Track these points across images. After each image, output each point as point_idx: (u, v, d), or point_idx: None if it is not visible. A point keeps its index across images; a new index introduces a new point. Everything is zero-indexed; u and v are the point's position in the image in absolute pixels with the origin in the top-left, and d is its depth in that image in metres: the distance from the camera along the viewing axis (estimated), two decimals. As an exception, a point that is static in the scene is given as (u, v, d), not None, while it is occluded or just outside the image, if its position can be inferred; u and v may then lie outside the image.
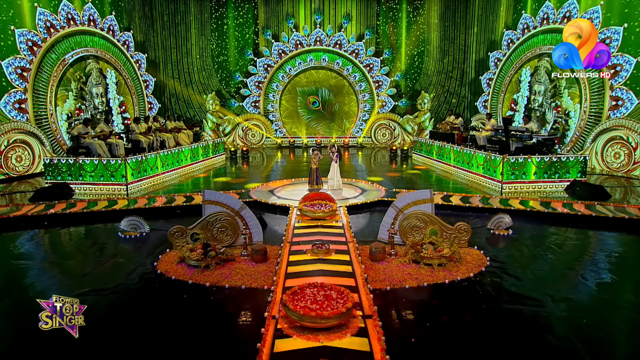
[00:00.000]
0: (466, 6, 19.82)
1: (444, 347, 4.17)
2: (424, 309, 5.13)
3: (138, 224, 7.80)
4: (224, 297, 5.33)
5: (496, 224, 7.78)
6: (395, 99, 20.74)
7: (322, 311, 4.26)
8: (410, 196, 7.10)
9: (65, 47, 13.96)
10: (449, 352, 4.11)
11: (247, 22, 20.23)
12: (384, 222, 7.12)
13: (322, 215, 8.02)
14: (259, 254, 6.37)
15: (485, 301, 5.19)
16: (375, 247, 6.41)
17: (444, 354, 4.07)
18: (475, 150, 12.46)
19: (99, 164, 10.81)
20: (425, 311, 5.07)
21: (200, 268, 6.04)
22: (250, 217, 7.10)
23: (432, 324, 4.64)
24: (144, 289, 5.62)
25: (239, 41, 20.29)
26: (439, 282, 5.68)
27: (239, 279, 5.76)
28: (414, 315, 4.88)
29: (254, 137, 20.59)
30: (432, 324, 4.64)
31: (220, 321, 4.74)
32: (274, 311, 4.68)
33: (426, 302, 5.30)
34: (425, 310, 5.09)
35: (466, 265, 6.19)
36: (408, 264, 6.23)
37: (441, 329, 4.54)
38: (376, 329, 4.28)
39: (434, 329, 4.53)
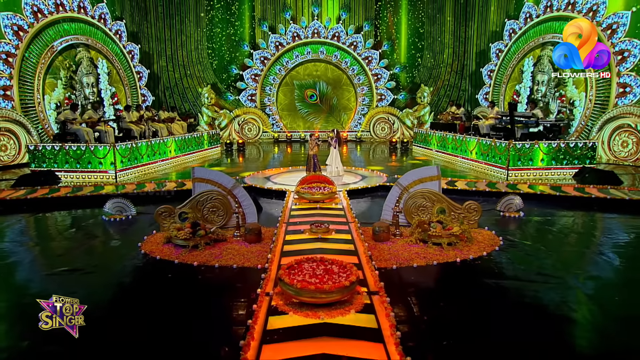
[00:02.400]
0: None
1: (460, 327, 3.65)
2: (435, 287, 4.61)
3: (124, 207, 7.26)
4: (213, 277, 4.80)
5: (506, 205, 7.27)
6: (394, 92, 20.29)
7: (322, 285, 3.73)
8: (415, 173, 6.58)
9: (54, 33, 13.43)
10: (467, 331, 3.59)
11: (243, 13, 19.77)
12: (388, 201, 6.60)
13: (320, 198, 7.50)
14: (253, 233, 5.83)
15: (503, 279, 4.68)
16: (378, 227, 5.89)
17: (460, 333, 3.55)
18: (479, 137, 11.98)
19: (87, 150, 10.26)
20: (436, 289, 4.55)
21: (188, 248, 5.50)
22: (244, 196, 6.57)
23: (445, 302, 4.11)
24: (125, 269, 5.08)
25: (235, 33, 19.81)
26: (449, 260, 5.16)
27: (231, 258, 5.22)
28: (424, 293, 4.36)
29: (251, 131, 20.07)
30: (446, 302, 4.12)
31: (209, 300, 4.21)
32: (267, 288, 4.15)
33: (437, 280, 4.78)
34: (437, 289, 4.57)
35: (478, 244, 5.68)
36: (415, 244, 5.71)
37: (456, 307, 4.02)
38: (384, 305, 3.75)
39: (447, 307, 4.01)
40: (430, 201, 6.43)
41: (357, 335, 3.33)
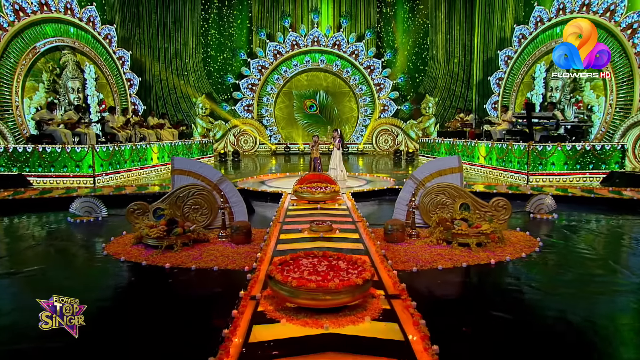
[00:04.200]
0: (471, 4, 18.96)
1: (514, 340, 2.72)
2: (472, 292, 3.68)
3: (93, 207, 6.35)
4: (187, 280, 3.87)
5: (536, 206, 6.37)
6: (398, 102, 19.61)
7: (326, 282, 2.81)
8: (433, 165, 5.71)
9: (37, 34, 12.75)
10: (528, 346, 2.65)
11: (240, 21, 19.26)
12: (400, 198, 5.70)
13: (322, 197, 6.61)
14: (241, 232, 4.91)
15: (551, 281, 3.75)
16: (391, 225, 4.97)
17: (518, 349, 2.62)
18: (493, 142, 11.17)
19: (62, 153, 9.40)
20: (473, 294, 3.62)
21: (161, 249, 4.58)
22: (232, 191, 5.67)
23: (490, 309, 3.18)
24: (77, 271, 4.16)
25: (232, 41, 19.26)
26: (481, 262, 4.23)
27: (212, 260, 4.30)
28: (458, 299, 3.43)
29: (247, 143, 19.28)
30: (490, 309, 3.18)
31: (178, 308, 3.27)
32: (254, 290, 3.22)
33: (471, 284, 3.85)
34: (474, 294, 3.64)
35: (512, 246, 4.76)
36: (436, 244, 4.79)
37: (504, 316, 3.08)
38: (409, 311, 2.82)
39: (493, 316, 3.08)
40: (450, 197, 5.54)
41: (376, 349, 2.40)
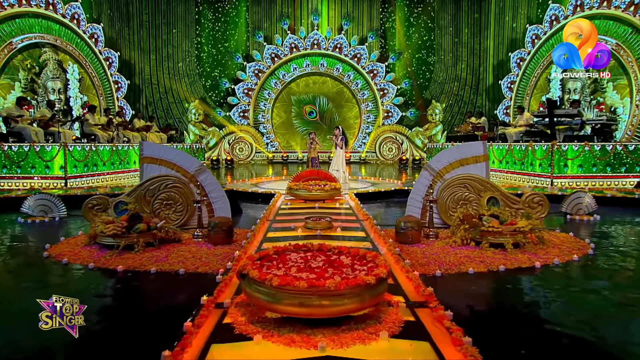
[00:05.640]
0: (480, 5, 18.41)
1: None
2: (513, 302, 2.81)
3: (50, 206, 5.52)
4: (140, 287, 3.02)
5: (574, 205, 5.52)
6: (403, 109, 18.88)
7: (322, 281, 1.96)
8: (452, 153, 4.88)
9: (13, 29, 12.11)
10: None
11: (236, 23, 18.69)
12: (414, 193, 4.87)
13: (320, 196, 5.78)
14: (220, 230, 4.07)
15: (620, 289, 2.90)
16: (405, 222, 4.13)
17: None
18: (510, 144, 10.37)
19: (31, 152, 8.60)
20: (516, 304, 2.75)
21: (117, 249, 3.74)
22: (213, 184, 4.85)
23: (538, 323, 2.33)
24: (7, 275, 3.30)
25: (227, 44, 18.65)
26: (522, 266, 3.38)
27: (179, 262, 3.46)
28: (498, 310, 2.57)
29: (242, 151, 18.49)
30: (539, 323, 2.33)
31: (115, 321, 2.42)
32: (222, 296, 2.38)
33: (514, 293, 2.98)
34: (517, 303, 2.77)
35: (557, 248, 3.91)
36: (461, 245, 3.95)
37: (558, 330, 2.23)
38: (443, 324, 1.97)
39: (545, 331, 2.22)
40: (474, 191, 4.71)
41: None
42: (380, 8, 18.83)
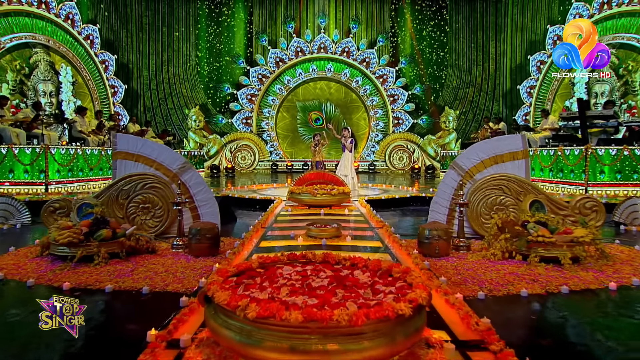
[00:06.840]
0: (496, 6, 17.80)
1: None
2: (596, 335, 2.05)
3: (12, 212, 4.84)
4: (87, 310, 2.29)
5: (629, 214, 4.76)
6: (414, 115, 18.19)
7: (327, 311, 1.24)
8: (484, 147, 4.16)
9: (2, 27, 11.65)
10: None
11: (239, 25, 18.22)
12: (439, 194, 4.14)
13: (326, 201, 5.06)
14: (202, 238, 3.36)
15: None
16: (430, 230, 3.40)
17: None
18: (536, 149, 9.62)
19: (8, 154, 7.99)
20: (600, 339, 2.00)
21: (71, 261, 3.04)
22: (199, 185, 4.16)
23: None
24: None
25: (229, 48, 18.15)
26: (591, 287, 2.64)
27: (146, 278, 2.76)
28: (577, 350, 1.82)
29: (245, 159, 17.85)
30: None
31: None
32: (182, 329, 1.65)
33: (594, 325, 2.22)
34: (602, 338, 2.02)
35: (628, 264, 3.17)
36: (501, 259, 3.21)
37: None
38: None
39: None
40: (512, 194, 3.98)
41: None
42: (390, 10, 18.29)
